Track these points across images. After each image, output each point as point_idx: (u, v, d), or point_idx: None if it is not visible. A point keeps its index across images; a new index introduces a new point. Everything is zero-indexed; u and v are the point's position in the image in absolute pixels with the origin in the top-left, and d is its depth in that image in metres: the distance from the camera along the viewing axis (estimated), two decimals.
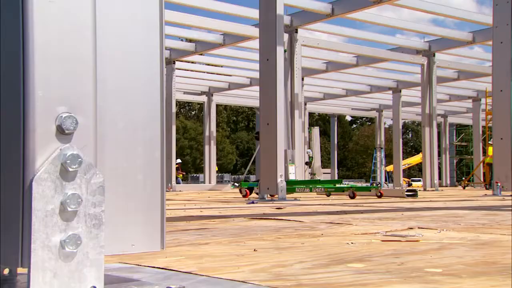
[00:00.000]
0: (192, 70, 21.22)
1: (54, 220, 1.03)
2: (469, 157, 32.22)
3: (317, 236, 2.78)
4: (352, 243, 2.45)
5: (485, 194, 10.65)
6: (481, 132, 24.10)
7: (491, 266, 1.79)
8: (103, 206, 1.11)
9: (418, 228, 3.21)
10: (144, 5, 1.27)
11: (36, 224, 1.00)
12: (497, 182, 9.88)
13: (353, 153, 56.25)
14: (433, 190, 15.79)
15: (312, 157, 24.95)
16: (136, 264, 1.72)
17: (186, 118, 48.88)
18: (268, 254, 2.08)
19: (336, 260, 1.91)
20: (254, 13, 12.52)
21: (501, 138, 9.89)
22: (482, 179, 22.11)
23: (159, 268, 1.67)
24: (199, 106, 45.88)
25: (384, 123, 30.23)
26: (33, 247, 0.99)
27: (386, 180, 27.79)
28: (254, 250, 2.20)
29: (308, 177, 21.92)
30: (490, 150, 18.26)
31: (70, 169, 1.05)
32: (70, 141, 1.08)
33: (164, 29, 1.36)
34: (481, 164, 22.02)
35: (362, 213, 4.94)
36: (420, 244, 2.41)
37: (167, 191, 12.92)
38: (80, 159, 1.06)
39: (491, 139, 10.91)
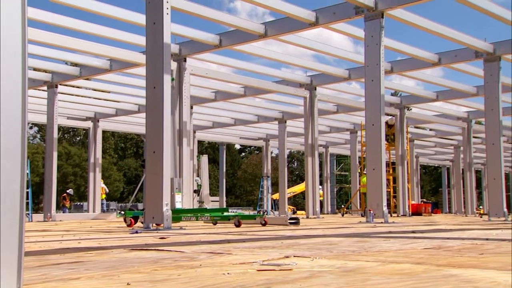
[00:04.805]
0: (77, 95, 20.39)
1: None
2: (348, 185, 34.19)
3: (195, 267, 2.79)
4: (228, 273, 2.50)
5: (360, 222, 11.32)
6: (358, 162, 25.72)
7: None
8: None
9: (294, 256, 3.34)
10: (4, 34, 1.24)
11: None
12: (370, 210, 10.56)
13: (241, 181, 57.03)
14: (315, 218, 16.47)
15: (200, 185, 24.91)
16: None
17: (70, 144, 46.51)
18: None
19: None
20: (142, 40, 12.43)
21: (374, 169, 10.65)
22: (358, 207, 23.53)
23: None
24: (84, 132, 43.98)
25: (271, 152, 31.14)
26: None
27: (272, 208, 28.51)
28: (128, 284, 2.15)
29: (196, 205, 21.81)
30: (363, 179, 19.56)
31: None
32: None
33: (27, 55, 1.32)
34: (358, 193, 23.46)
35: (244, 242, 5.02)
36: (293, 273, 2.51)
37: (45, 220, 12.04)
38: None
39: (365, 169, 11.69)
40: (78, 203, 32.64)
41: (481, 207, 30.20)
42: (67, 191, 25.63)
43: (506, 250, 3.78)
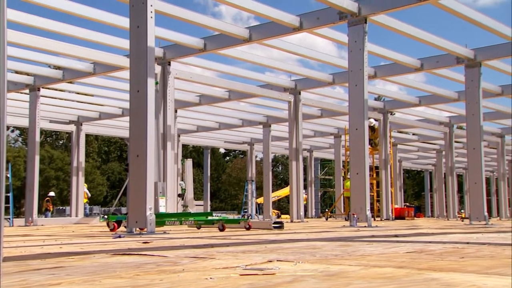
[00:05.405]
0: (60, 98, 20.21)
1: None
2: (332, 189, 34.33)
3: (178, 271, 2.77)
4: (211, 278, 2.49)
5: (344, 225, 11.37)
6: (342, 167, 25.89)
7: None
8: None
9: (277, 261, 3.34)
10: None
11: None
12: (353, 214, 10.62)
13: (226, 185, 56.96)
14: (299, 222, 16.50)
15: (184, 189, 24.86)
16: None
17: (53, 148, 46.02)
18: None
19: None
20: (126, 44, 12.36)
21: (357, 173, 10.71)
22: (342, 211, 23.65)
23: None
24: (67, 135, 43.57)
25: (256, 156, 31.18)
26: None
27: (257, 212, 28.52)
28: None
29: (180, 209, 21.73)
30: (347, 183, 19.67)
31: None
32: None
33: (6, 57, 1.31)
34: (342, 197, 23.56)
35: (228, 246, 5.01)
36: (276, 277, 2.51)
37: (27, 225, 11.92)
38: None
39: (349, 173, 11.76)
40: (61, 207, 32.28)
41: (462, 211, 30.57)
42: (50, 194, 25.34)
43: (485, 253, 3.84)
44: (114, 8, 56.96)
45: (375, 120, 20.82)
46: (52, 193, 25.91)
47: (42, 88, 16.88)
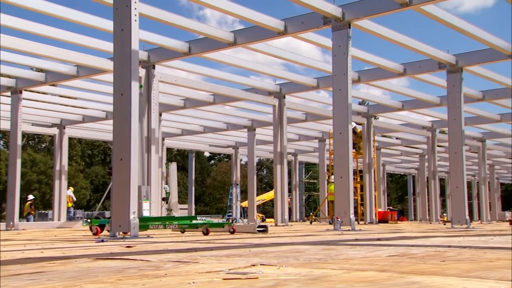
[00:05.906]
0: (42, 101, 19.99)
1: None
2: (317, 193, 34.46)
3: (161, 276, 2.76)
4: (194, 282, 2.48)
5: (328, 229, 11.41)
6: (326, 170, 25.97)
7: None
8: None
9: (261, 265, 3.34)
10: None
11: None
12: (337, 218, 10.66)
13: (211, 188, 56.79)
14: (283, 225, 16.51)
15: (169, 192, 24.68)
16: None
17: (35, 151, 45.45)
18: None
19: None
20: (109, 46, 12.29)
21: (341, 177, 10.76)
22: (326, 215, 23.71)
23: None
24: (50, 138, 43.09)
25: (241, 160, 31.14)
26: None
27: (241, 216, 28.46)
28: None
29: (165, 213, 21.60)
30: (331, 187, 19.76)
31: None
32: None
33: None
34: (326, 200, 23.64)
35: (211, 250, 4.99)
36: (259, 281, 2.52)
37: (8, 229, 11.74)
38: None
39: (333, 177, 11.80)
40: (43, 211, 31.86)
41: (444, 214, 30.88)
42: (30, 197, 24.95)
43: (466, 257, 3.88)
44: (98, 11, 56.62)
45: (358, 124, 20.95)
46: (31, 196, 25.52)
47: (24, 90, 16.69)
